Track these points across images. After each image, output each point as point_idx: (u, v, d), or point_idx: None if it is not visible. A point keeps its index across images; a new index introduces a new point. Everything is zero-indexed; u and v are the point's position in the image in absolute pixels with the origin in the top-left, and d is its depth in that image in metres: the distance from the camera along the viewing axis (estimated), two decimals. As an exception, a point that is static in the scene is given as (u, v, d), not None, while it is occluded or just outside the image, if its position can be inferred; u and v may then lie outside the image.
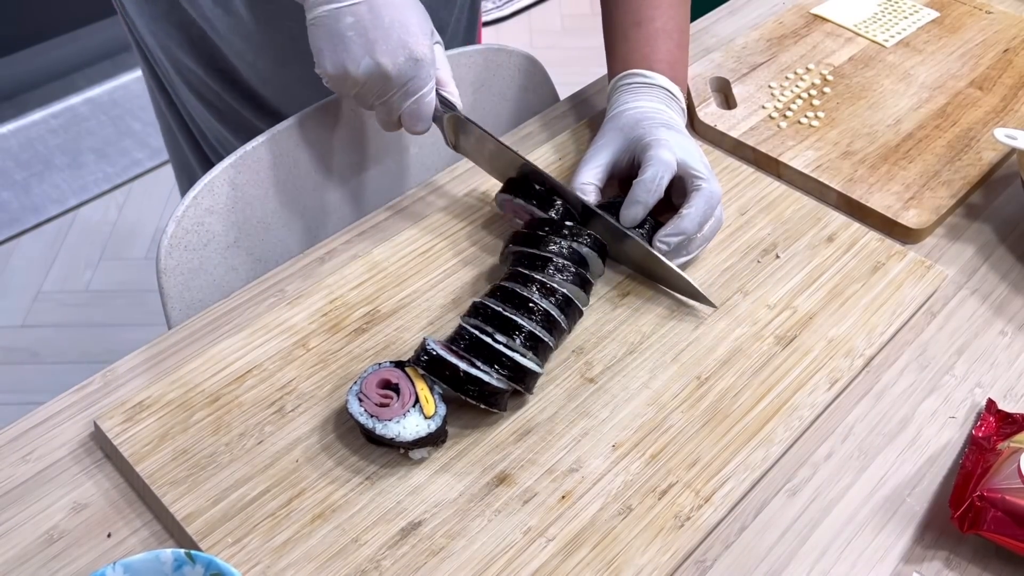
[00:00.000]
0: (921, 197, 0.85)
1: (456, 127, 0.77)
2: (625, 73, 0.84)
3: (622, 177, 0.81)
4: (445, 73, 0.76)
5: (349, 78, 0.71)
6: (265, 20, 0.91)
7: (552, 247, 0.71)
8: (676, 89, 0.84)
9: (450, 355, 0.64)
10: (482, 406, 0.64)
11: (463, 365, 0.63)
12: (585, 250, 0.72)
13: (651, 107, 0.81)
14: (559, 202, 0.75)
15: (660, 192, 0.75)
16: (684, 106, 0.85)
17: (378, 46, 0.69)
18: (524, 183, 0.76)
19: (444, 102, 0.76)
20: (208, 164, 1.07)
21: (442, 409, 0.64)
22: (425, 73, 0.72)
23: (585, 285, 0.71)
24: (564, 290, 0.69)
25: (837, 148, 0.90)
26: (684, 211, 0.74)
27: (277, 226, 0.89)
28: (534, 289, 0.68)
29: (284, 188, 0.88)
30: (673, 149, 0.75)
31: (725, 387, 0.69)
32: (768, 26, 1.07)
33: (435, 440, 0.63)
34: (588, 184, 0.78)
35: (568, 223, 0.73)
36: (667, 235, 0.74)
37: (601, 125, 0.83)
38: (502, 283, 0.69)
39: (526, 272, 0.69)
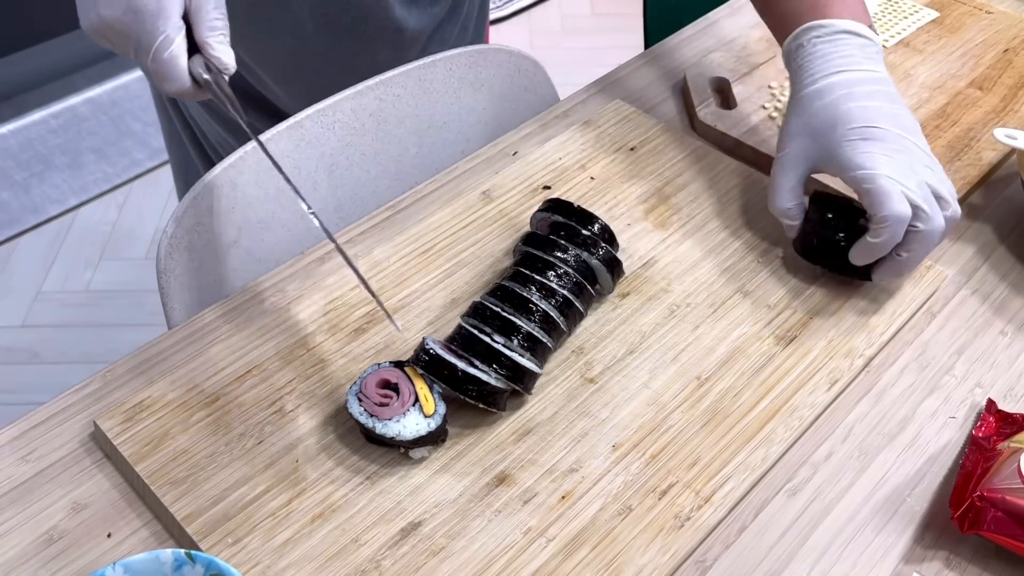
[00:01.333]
0: (921, 197, 0.85)
1: (220, 95, 0.66)
2: (802, 28, 0.75)
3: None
4: (206, 32, 0.64)
5: (92, 35, 0.65)
6: (265, 35, 0.91)
7: (560, 253, 0.70)
8: (864, 28, 0.74)
9: (449, 354, 0.64)
10: (481, 406, 0.64)
11: (462, 364, 0.63)
12: (595, 262, 0.71)
13: (844, 92, 0.72)
14: (598, 223, 0.73)
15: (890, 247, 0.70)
16: (880, 45, 0.75)
17: None
18: (564, 204, 0.74)
19: (209, 67, 0.65)
20: (211, 164, 1.07)
21: (442, 408, 0.64)
22: (151, 27, 0.62)
23: (583, 294, 0.70)
24: (564, 292, 0.69)
25: (837, 148, 0.90)
26: (871, 236, 0.70)
27: (277, 226, 0.89)
28: (534, 290, 0.68)
29: (284, 188, 0.88)
30: (896, 182, 0.68)
31: (725, 387, 0.69)
32: (768, 26, 1.06)
33: (435, 439, 0.64)
34: (791, 209, 0.74)
35: (585, 232, 0.72)
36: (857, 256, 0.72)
37: (787, 117, 0.76)
38: (503, 282, 0.69)
39: (527, 272, 0.69)
